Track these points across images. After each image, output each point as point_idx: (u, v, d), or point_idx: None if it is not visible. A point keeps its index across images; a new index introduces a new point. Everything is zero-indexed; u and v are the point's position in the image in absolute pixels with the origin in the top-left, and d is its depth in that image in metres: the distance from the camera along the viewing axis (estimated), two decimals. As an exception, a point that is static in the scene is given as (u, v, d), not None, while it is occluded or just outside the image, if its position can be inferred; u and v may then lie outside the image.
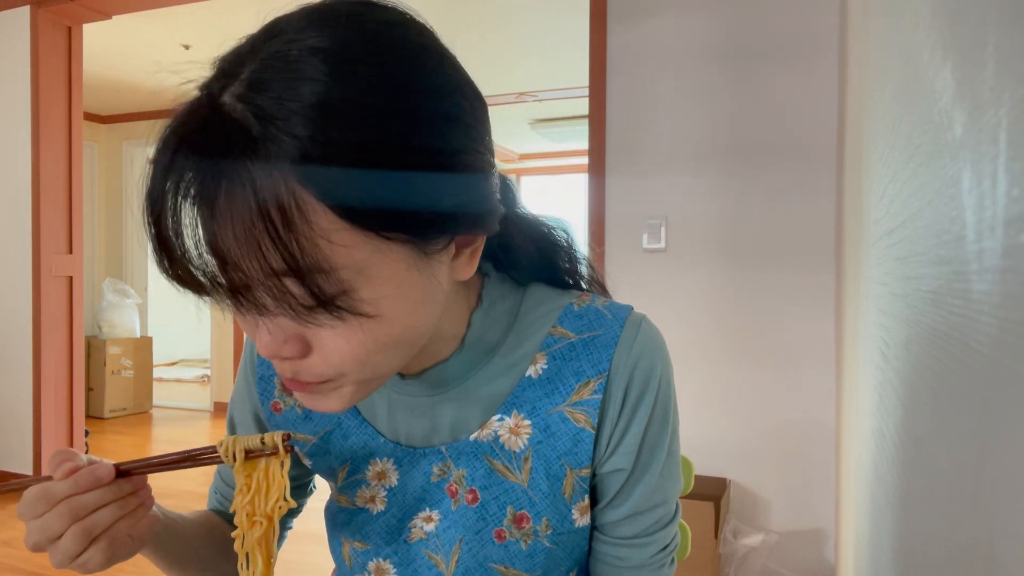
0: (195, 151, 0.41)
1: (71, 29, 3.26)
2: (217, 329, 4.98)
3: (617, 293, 0.70)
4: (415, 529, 0.62)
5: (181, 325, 6.24)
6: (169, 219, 0.42)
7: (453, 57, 0.49)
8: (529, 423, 0.59)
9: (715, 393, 2.24)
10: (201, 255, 0.43)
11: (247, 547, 0.57)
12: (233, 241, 0.41)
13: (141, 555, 0.62)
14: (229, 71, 0.43)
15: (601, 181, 2.35)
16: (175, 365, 6.85)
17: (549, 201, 7.42)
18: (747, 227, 2.20)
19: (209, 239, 0.42)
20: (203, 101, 0.42)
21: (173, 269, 0.43)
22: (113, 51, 4.20)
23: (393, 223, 0.44)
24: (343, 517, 0.66)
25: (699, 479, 2.17)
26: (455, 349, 0.59)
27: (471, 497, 0.60)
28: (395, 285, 0.46)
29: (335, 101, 0.41)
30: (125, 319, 4.98)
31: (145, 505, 0.56)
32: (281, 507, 0.56)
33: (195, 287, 0.44)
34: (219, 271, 0.43)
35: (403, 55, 0.45)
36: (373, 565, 0.64)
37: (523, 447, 0.59)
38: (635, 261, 2.32)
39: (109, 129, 5.73)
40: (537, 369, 0.59)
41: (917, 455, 0.54)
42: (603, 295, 0.68)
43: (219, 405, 5.06)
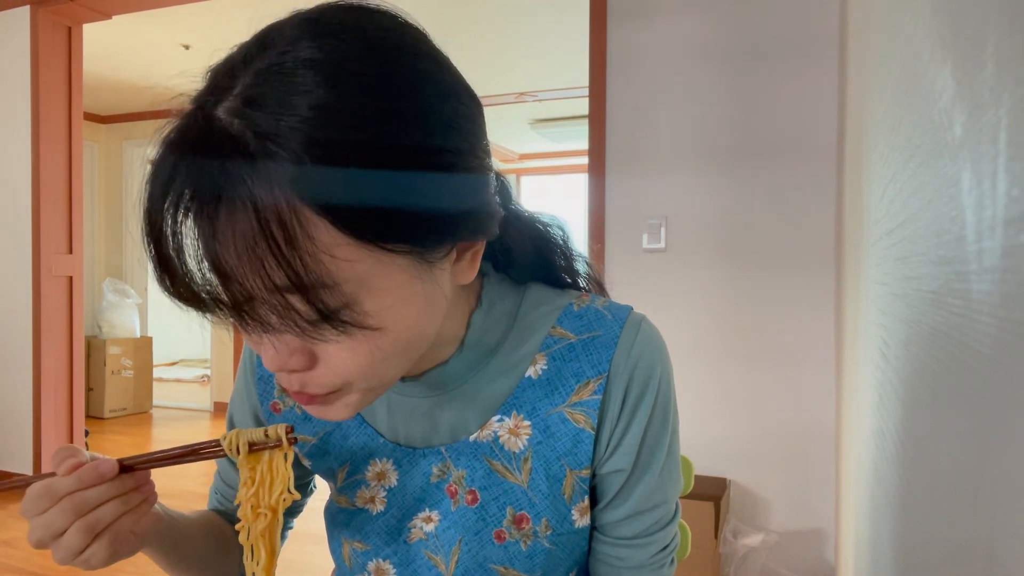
0: (193, 169, 0.40)
1: (71, 29, 3.25)
2: (217, 329, 4.97)
3: (617, 293, 0.70)
4: (415, 529, 0.62)
5: (181, 325, 6.17)
6: (169, 239, 0.41)
7: (447, 59, 0.49)
8: (529, 424, 0.59)
9: (715, 393, 2.24)
10: (204, 274, 0.42)
11: (251, 539, 0.57)
12: (235, 259, 0.41)
13: (143, 554, 0.62)
14: (223, 84, 0.42)
15: (601, 181, 2.35)
16: (175, 365, 6.85)
17: (549, 201, 7.42)
18: (747, 227, 2.20)
19: (211, 258, 0.42)
20: (198, 117, 0.42)
21: (175, 288, 0.43)
22: (113, 51, 4.20)
23: (395, 234, 0.44)
24: (343, 517, 0.66)
25: (699, 479, 2.17)
26: (455, 351, 0.59)
27: (471, 498, 0.60)
28: (398, 296, 0.46)
29: (331, 114, 0.41)
30: (125, 319, 4.98)
31: (148, 501, 0.56)
32: (285, 499, 0.56)
33: (198, 305, 0.43)
34: (222, 289, 0.43)
35: (398, 62, 0.44)
36: (373, 565, 0.64)
37: (523, 448, 0.59)
38: (635, 261, 2.32)
39: (109, 129, 5.73)
40: (537, 370, 0.59)
41: (917, 455, 0.54)
42: (601, 294, 0.68)
43: (219, 405, 5.06)
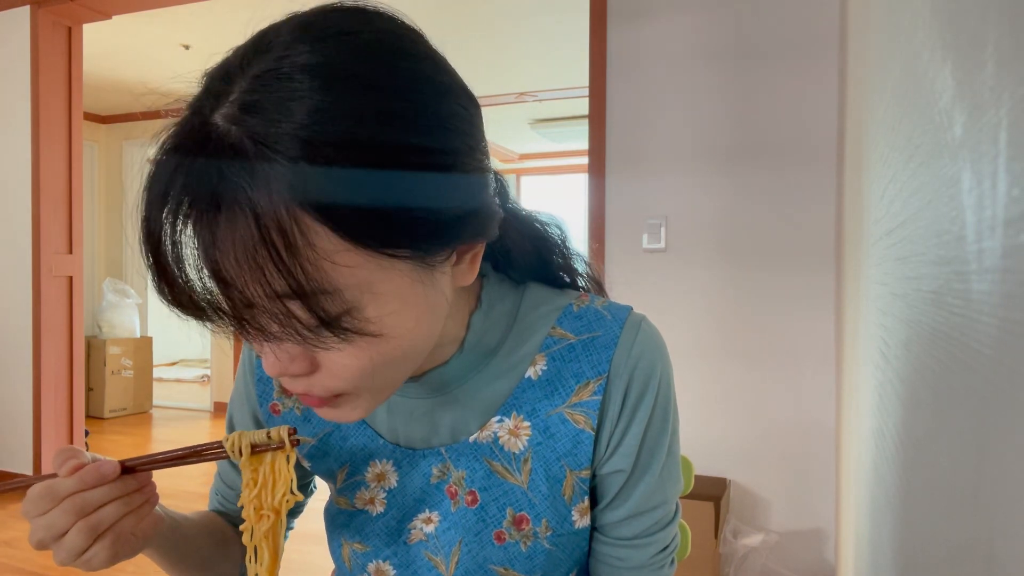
0: (191, 177, 0.40)
1: (71, 29, 3.25)
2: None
3: (617, 293, 0.70)
4: (415, 530, 0.62)
5: (181, 325, 6.19)
6: (168, 247, 0.41)
7: (444, 60, 0.49)
8: (528, 424, 0.59)
9: (715, 393, 2.24)
10: (203, 282, 0.42)
11: (255, 540, 0.57)
12: (235, 267, 0.41)
13: (144, 555, 0.62)
14: (219, 90, 0.42)
15: (601, 181, 2.35)
16: (175, 365, 6.85)
17: (549, 201, 7.42)
18: (747, 227, 2.20)
19: (211, 266, 0.42)
20: (195, 123, 0.41)
21: (175, 296, 0.43)
22: (113, 51, 4.20)
23: (396, 239, 0.43)
24: (342, 519, 0.66)
25: (699, 479, 2.17)
26: (455, 352, 0.59)
27: (471, 499, 0.60)
28: (400, 301, 0.46)
29: (329, 119, 0.40)
30: (125, 319, 4.98)
31: (150, 502, 0.56)
32: (288, 500, 0.56)
33: (197, 313, 0.43)
34: (222, 297, 0.43)
35: (395, 65, 0.44)
36: (373, 567, 0.64)
37: (523, 448, 0.59)
38: (635, 261, 2.32)
39: (109, 129, 5.73)
40: (536, 370, 0.59)
41: (917, 455, 0.54)
42: (600, 293, 0.68)
43: (219, 405, 5.06)
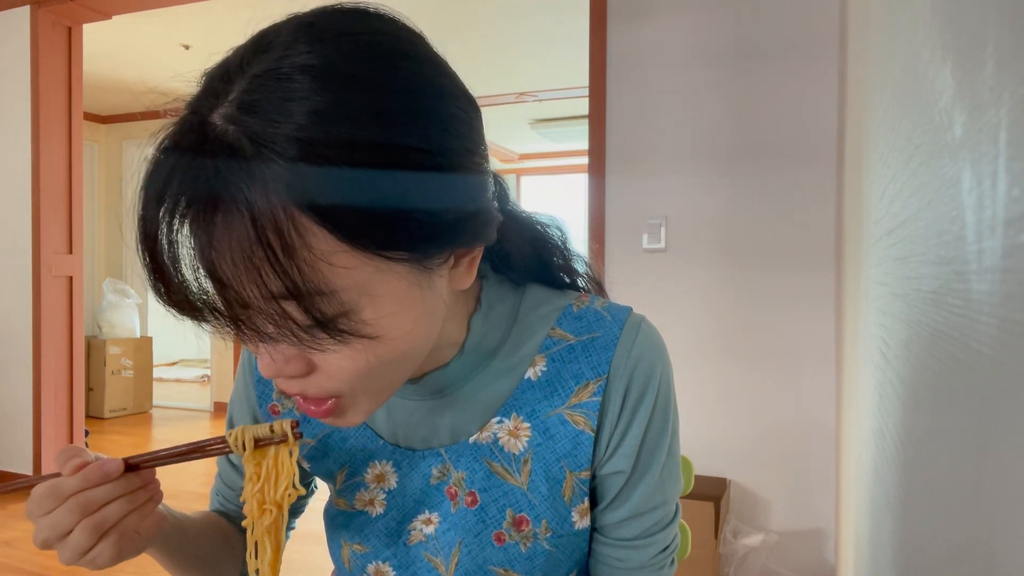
0: (188, 176, 0.40)
1: (71, 29, 3.25)
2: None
3: (617, 293, 0.70)
4: (414, 531, 0.62)
5: (181, 325, 6.21)
6: (165, 247, 0.41)
7: (445, 63, 0.49)
8: (528, 425, 0.59)
9: (715, 393, 2.24)
10: (199, 282, 0.42)
11: (256, 535, 0.56)
12: (231, 267, 0.41)
13: (148, 554, 0.61)
14: (218, 89, 0.42)
15: (601, 181, 2.35)
16: (175, 365, 6.85)
17: (549, 201, 7.42)
18: (747, 227, 2.20)
19: (207, 266, 0.42)
20: (193, 122, 0.41)
21: (170, 296, 0.42)
22: (113, 51, 4.20)
23: (394, 241, 0.43)
24: (342, 520, 0.66)
25: (699, 479, 2.17)
26: (455, 353, 0.59)
27: (470, 499, 0.60)
28: (397, 303, 0.46)
29: (328, 120, 0.40)
30: (125, 319, 4.98)
31: (154, 499, 0.56)
32: (290, 494, 0.56)
33: (193, 314, 0.43)
34: (218, 297, 0.43)
35: (395, 67, 0.44)
36: (372, 568, 0.64)
37: (522, 449, 0.59)
38: (635, 261, 2.32)
39: (109, 129, 5.73)
40: (536, 371, 0.59)
41: (917, 455, 0.54)
42: (600, 294, 0.68)
43: (219, 405, 5.06)
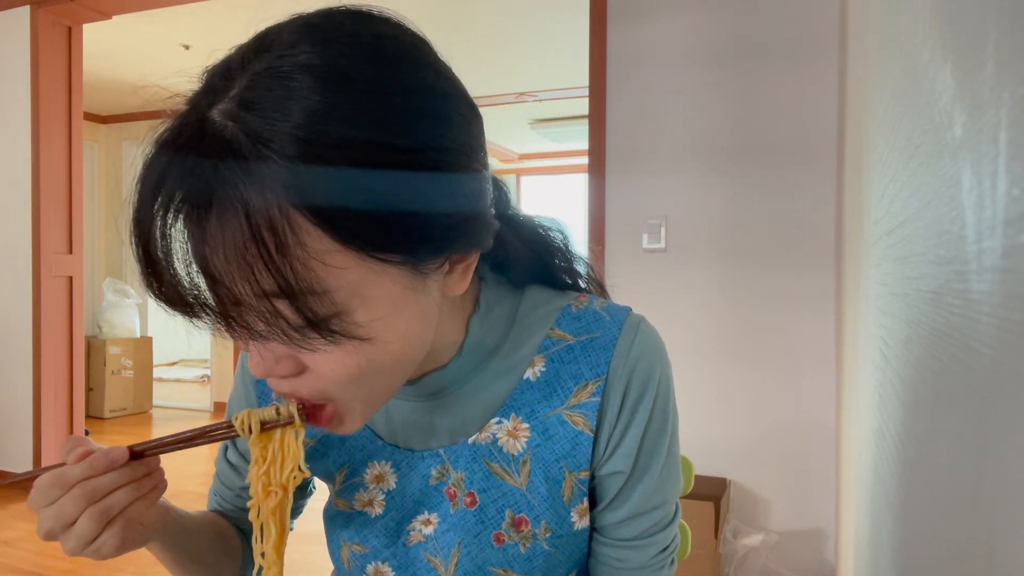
0: (184, 171, 0.40)
1: (71, 29, 3.25)
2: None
3: (617, 293, 0.70)
4: (414, 532, 0.62)
5: (181, 325, 6.22)
6: (158, 240, 0.41)
7: (448, 68, 0.49)
8: (527, 426, 0.59)
9: (715, 393, 2.24)
10: (191, 277, 0.42)
11: (262, 517, 0.56)
12: (224, 263, 0.41)
13: (149, 551, 0.61)
14: (219, 86, 0.42)
15: (601, 181, 2.35)
16: (175, 365, 6.85)
17: (549, 201, 7.42)
18: (747, 227, 2.20)
19: (200, 261, 0.42)
20: (192, 118, 0.41)
21: (162, 291, 0.42)
22: (113, 51, 4.20)
23: (388, 243, 0.43)
24: (341, 520, 0.66)
25: (699, 479, 2.17)
26: (453, 355, 0.59)
27: (469, 500, 0.60)
28: (390, 307, 0.45)
29: (327, 120, 0.40)
30: (125, 319, 4.98)
31: (159, 487, 0.55)
32: (296, 477, 0.55)
33: (184, 309, 0.43)
34: (210, 293, 0.43)
35: (397, 71, 0.44)
36: (372, 568, 0.64)
37: (521, 450, 0.59)
38: (635, 261, 2.32)
39: (109, 129, 5.73)
40: (535, 372, 0.59)
41: (917, 455, 0.54)
42: (601, 295, 0.68)
43: (219, 405, 5.06)
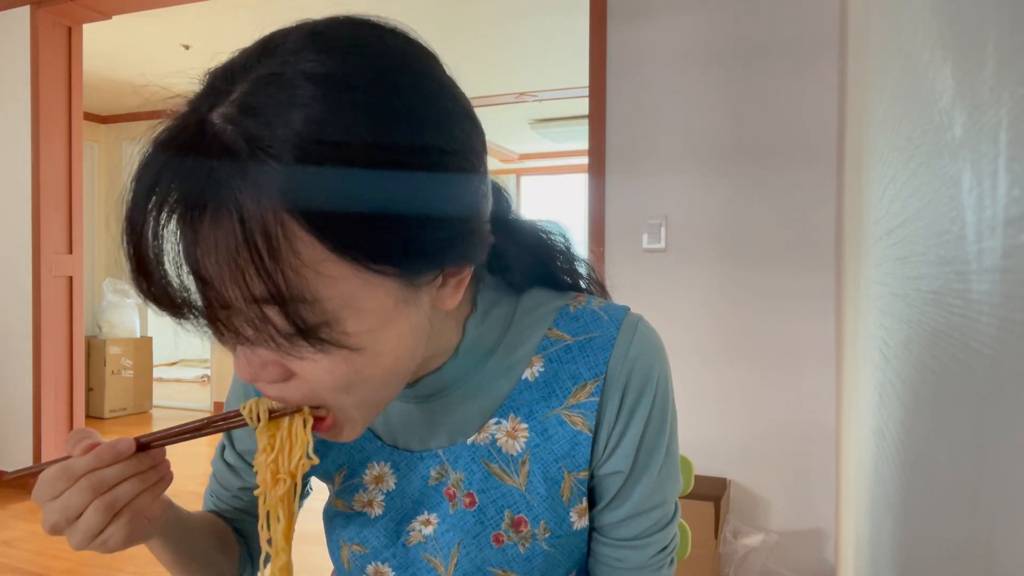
0: (181, 172, 0.40)
1: (71, 29, 3.25)
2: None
3: (617, 293, 0.70)
4: (413, 532, 0.62)
5: (181, 325, 6.22)
6: (150, 240, 0.41)
7: (452, 83, 0.48)
8: (526, 426, 0.59)
9: (715, 393, 2.24)
10: (181, 279, 0.42)
11: (269, 505, 0.56)
12: (216, 267, 0.40)
13: (149, 548, 0.61)
14: (220, 88, 0.42)
15: (601, 181, 2.35)
16: (175, 365, 6.85)
17: (549, 201, 7.42)
18: (747, 227, 2.20)
19: (191, 263, 0.41)
20: (191, 119, 0.41)
21: (151, 291, 0.42)
22: (113, 51, 4.20)
23: (383, 255, 0.43)
24: (341, 520, 0.66)
25: (699, 479, 2.17)
26: (451, 356, 0.58)
27: (469, 501, 0.60)
28: (381, 318, 0.45)
29: (326, 129, 0.40)
30: (125, 319, 4.98)
31: (164, 480, 0.55)
32: (304, 464, 0.55)
33: (173, 310, 0.43)
34: (199, 295, 0.42)
35: (400, 84, 0.43)
36: (372, 568, 0.64)
37: (520, 450, 0.59)
38: (635, 261, 2.32)
39: (109, 129, 5.73)
40: (533, 372, 0.59)
41: (917, 455, 0.54)
42: (602, 295, 0.68)
43: (219, 405, 5.06)
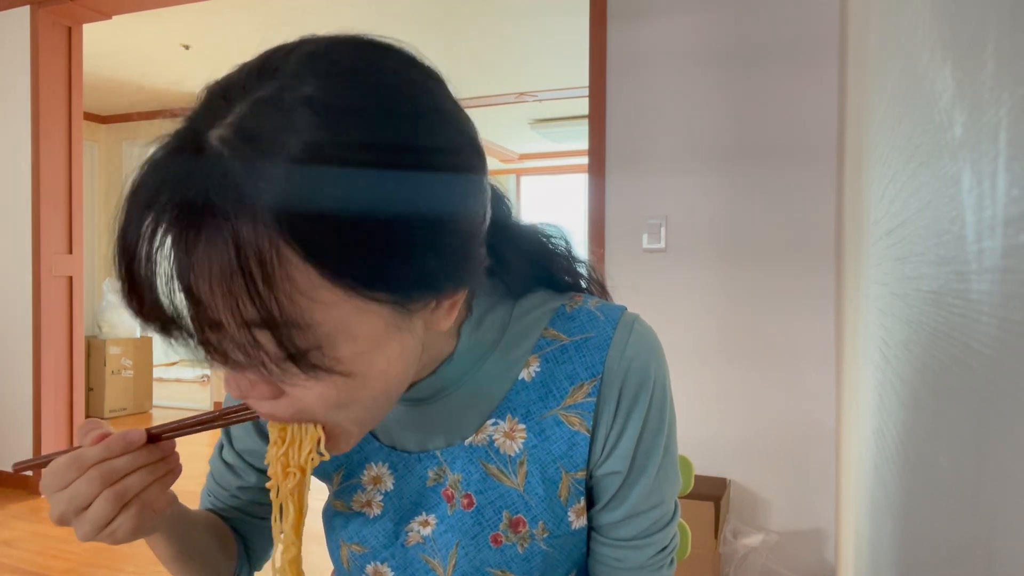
0: (177, 194, 0.40)
1: (71, 29, 3.25)
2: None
3: (617, 293, 0.70)
4: (412, 533, 0.62)
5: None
6: (143, 261, 0.40)
7: (456, 109, 0.48)
8: (523, 427, 0.59)
9: (715, 393, 2.24)
10: (172, 301, 0.41)
11: (280, 498, 0.56)
12: (208, 290, 0.40)
13: (149, 545, 0.61)
14: (218, 109, 0.41)
15: (601, 181, 2.35)
16: (175, 365, 6.84)
17: (549, 201, 7.42)
18: (747, 227, 2.20)
19: (184, 285, 0.41)
20: (188, 139, 0.41)
21: (142, 310, 0.42)
22: (113, 51, 4.20)
23: (378, 282, 0.43)
24: (340, 520, 0.66)
25: (699, 479, 2.17)
26: (446, 360, 0.58)
27: (467, 501, 0.60)
28: (373, 343, 0.45)
29: (323, 156, 0.40)
30: (125, 319, 4.98)
31: (173, 472, 0.55)
32: (314, 459, 0.55)
33: (163, 331, 0.43)
34: (191, 317, 0.42)
35: (400, 112, 0.43)
36: (371, 568, 0.64)
37: (518, 451, 0.59)
38: (635, 261, 2.32)
39: (109, 129, 5.74)
40: (530, 372, 0.59)
41: (917, 455, 0.54)
42: (603, 296, 0.68)
43: (219, 405, 5.05)
